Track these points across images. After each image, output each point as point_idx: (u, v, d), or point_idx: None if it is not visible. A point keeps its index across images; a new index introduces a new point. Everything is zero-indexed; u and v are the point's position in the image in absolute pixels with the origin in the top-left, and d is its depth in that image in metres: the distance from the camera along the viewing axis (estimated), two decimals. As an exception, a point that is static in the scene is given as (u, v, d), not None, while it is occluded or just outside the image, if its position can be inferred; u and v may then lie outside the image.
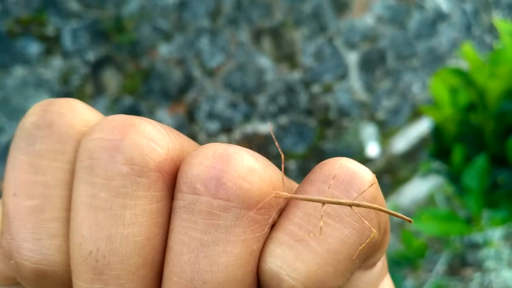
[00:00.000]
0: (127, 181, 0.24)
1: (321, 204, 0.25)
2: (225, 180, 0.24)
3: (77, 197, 0.24)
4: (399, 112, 2.83)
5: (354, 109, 2.66)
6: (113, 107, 2.00)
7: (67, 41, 1.92)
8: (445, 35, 3.03)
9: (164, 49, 2.13)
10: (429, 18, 2.95)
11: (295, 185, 0.28)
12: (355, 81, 2.67)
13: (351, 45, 2.65)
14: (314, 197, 0.25)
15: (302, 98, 2.49)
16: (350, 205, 0.25)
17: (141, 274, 0.24)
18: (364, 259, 0.26)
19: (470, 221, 1.05)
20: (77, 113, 0.27)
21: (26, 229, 0.25)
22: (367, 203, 0.25)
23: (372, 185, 0.26)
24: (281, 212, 0.26)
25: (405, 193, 2.53)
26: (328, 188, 0.25)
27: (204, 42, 2.22)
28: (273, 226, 0.26)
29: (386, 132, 2.78)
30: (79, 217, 0.24)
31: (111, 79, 2.01)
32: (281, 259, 0.24)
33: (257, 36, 2.36)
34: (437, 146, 1.16)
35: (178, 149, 0.26)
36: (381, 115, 2.76)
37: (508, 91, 1.01)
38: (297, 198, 0.25)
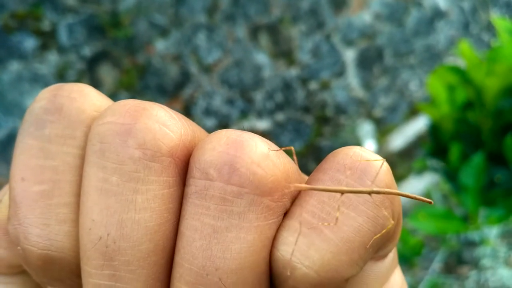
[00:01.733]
0: (139, 165, 0.23)
1: (340, 194, 0.25)
2: (238, 165, 0.23)
3: (88, 181, 0.24)
4: (396, 109, 2.83)
5: (351, 106, 2.66)
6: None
7: (63, 36, 1.91)
8: (442, 32, 3.03)
9: (160, 45, 2.12)
10: (427, 16, 2.95)
11: (304, 175, 0.28)
12: (352, 78, 2.67)
13: (349, 42, 2.65)
14: (334, 187, 0.24)
15: (299, 95, 2.49)
16: (370, 193, 0.24)
17: (152, 261, 0.24)
18: (378, 248, 0.26)
19: (467, 219, 1.05)
20: (88, 98, 0.26)
21: (34, 214, 0.25)
22: (388, 189, 0.25)
23: (383, 171, 0.25)
24: (294, 200, 0.25)
25: (402, 191, 2.53)
26: (344, 177, 0.25)
27: (201, 38, 2.21)
28: (285, 214, 0.25)
29: (383, 129, 2.78)
30: (89, 201, 0.24)
31: (107, 74, 2.01)
32: (294, 247, 0.24)
33: (254, 32, 2.36)
34: (434, 144, 1.16)
35: (190, 135, 0.25)
36: (378, 112, 2.76)
37: (505, 89, 1.01)
38: (317, 189, 0.25)
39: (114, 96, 2.01)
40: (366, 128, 2.69)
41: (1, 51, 1.81)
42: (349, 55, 2.65)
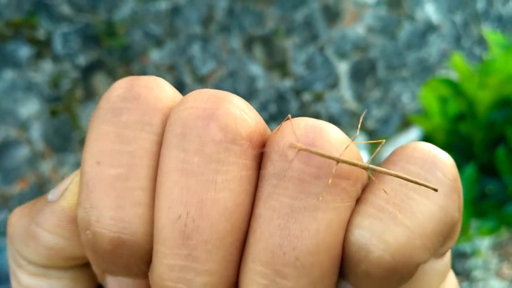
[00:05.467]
0: (220, 147, 0.24)
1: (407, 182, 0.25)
2: (318, 148, 0.24)
3: (168, 163, 0.25)
4: (389, 121, 2.84)
5: (344, 118, 2.67)
6: (103, 112, 1.99)
7: (58, 45, 1.91)
8: (435, 46, 3.06)
9: (155, 55, 2.13)
10: (419, 29, 2.98)
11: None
12: (345, 90, 2.68)
13: (342, 55, 2.67)
14: (328, 154, 0.25)
15: (293, 106, 2.50)
16: (367, 169, 0.26)
17: (228, 242, 0.24)
18: (443, 241, 0.26)
19: (459, 230, 1.06)
20: (163, 88, 0.27)
21: (108, 197, 0.25)
22: (386, 170, 0.26)
23: (451, 163, 0.26)
24: (364, 188, 0.26)
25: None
26: (414, 167, 0.26)
27: (195, 49, 2.22)
28: (357, 201, 0.26)
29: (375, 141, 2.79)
30: (168, 181, 0.24)
31: (102, 84, 2.01)
32: (369, 230, 0.24)
33: (248, 43, 2.37)
34: (427, 155, 1.16)
35: (263, 124, 0.26)
36: (371, 124, 2.78)
37: (497, 101, 1.02)
38: (311, 151, 0.25)
39: (108, 105, 2.01)
40: (358, 140, 2.70)
41: (-4, 59, 1.80)
42: (342, 67, 2.67)
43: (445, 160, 0.26)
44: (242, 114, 0.25)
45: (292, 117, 0.25)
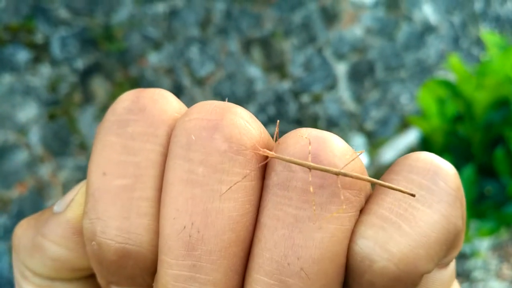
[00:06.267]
0: (225, 158, 0.24)
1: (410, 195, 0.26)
2: (322, 158, 0.25)
3: (173, 173, 0.25)
4: (388, 122, 2.84)
5: (343, 119, 2.67)
6: (101, 116, 1.99)
7: (55, 49, 1.91)
8: (433, 47, 3.06)
9: (153, 58, 2.13)
10: (417, 30, 2.98)
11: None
12: (344, 91, 2.68)
13: (340, 56, 2.67)
14: (300, 161, 0.25)
15: (291, 108, 2.50)
16: (337, 174, 0.25)
17: (232, 251, 0.25)
18: (447, 250, 0.26)
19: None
20: (168, 101, 0.28)
21: (114, 207, 0.26)
22: (358, 174, 0.26)
23: (453, 174, 0.27)
24: (368, 198, 0.26)
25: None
26: (417, 177, 0.26)
27: (193, 51, 2.22)
28: (360, 211, 0.26)
29: (374, 142, 2.79)
30: (173, 192, 0.25)
31: (100, 87, 2.01)
32: (373, 240, 0.24)
33: (246, 45, 2.37)
34: (425, 157, 1.16)
35: (267, 134, 0.27)
36: (369, 125, 2.78)
37: (495, 102, 1.02)
38: (283, 159, 0.26)
39: (106, 109, 2.00)
40: (357, 141, 2.70)
41: (-6, 64, 1.80)
42: (341, 69, 2.67)
43: (448, 169, 0.26)
44: (247, 125, 0.25)
45: (291, 119, 0.25)
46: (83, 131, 1.95)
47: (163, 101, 0.27)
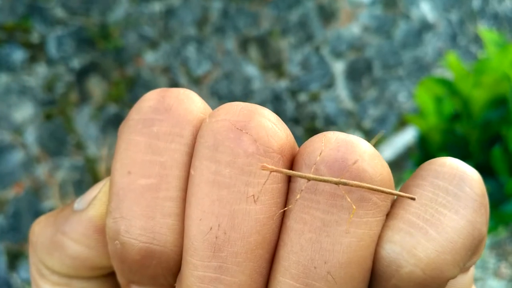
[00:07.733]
0: (252, 160, 0.24)
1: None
2: (350, 162, 0.24)
3: (199, 174, 0.25)
4: (385, 121, 2.84)
5: (340, 118, 2.67)
6: (98, 115, 1.98)
7: (51, 48, 1.90)
8: (430, 44, 3.06)
9: (150, 57, 2.12)
10: (415, 28, 2.98)
11: None
12: (341, 90, 2.68)
13: (338, 54, 2.66)
14: (299, 173, 0.25)
15: (289, 107, 2.49)
16: (338, 184, 0.25)
17: (258, 254, 0.24)
18: (471, 255, 0.26)
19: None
20: (194, 101, 0.27)
21: (139, 207, 0.26)
22: (358, 182, 0.26)
23: (478, 179, 0.27)
24: (393, 203, 0.26)
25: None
26: (443, 183, 0.26)
27: (190, 50, 2.21)
28: (387, 216, 0.26)
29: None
30: (200, 193, 0.25)
31: (96, 86, 2.00)
32: (400, 245, 0.24)
33: (244, 44, 2.36)
34: (423, 155, 1.16)
35: (292, 137, 0.27)
36: (367, 123, 2.77)
37: (492, 101, 1.02)
38: (283, 173, 0.26)
39: (103, 108, 2.00)
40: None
41: (-11, 63, 1.80)
42: (338, 67, 2.67)
43: (473, 175, 0.26)
44: (274, 127, 0.25)
45: (289, 118, 0.25)
46: (79, 131, 1.94)
47: (188, 101, 0.27)
